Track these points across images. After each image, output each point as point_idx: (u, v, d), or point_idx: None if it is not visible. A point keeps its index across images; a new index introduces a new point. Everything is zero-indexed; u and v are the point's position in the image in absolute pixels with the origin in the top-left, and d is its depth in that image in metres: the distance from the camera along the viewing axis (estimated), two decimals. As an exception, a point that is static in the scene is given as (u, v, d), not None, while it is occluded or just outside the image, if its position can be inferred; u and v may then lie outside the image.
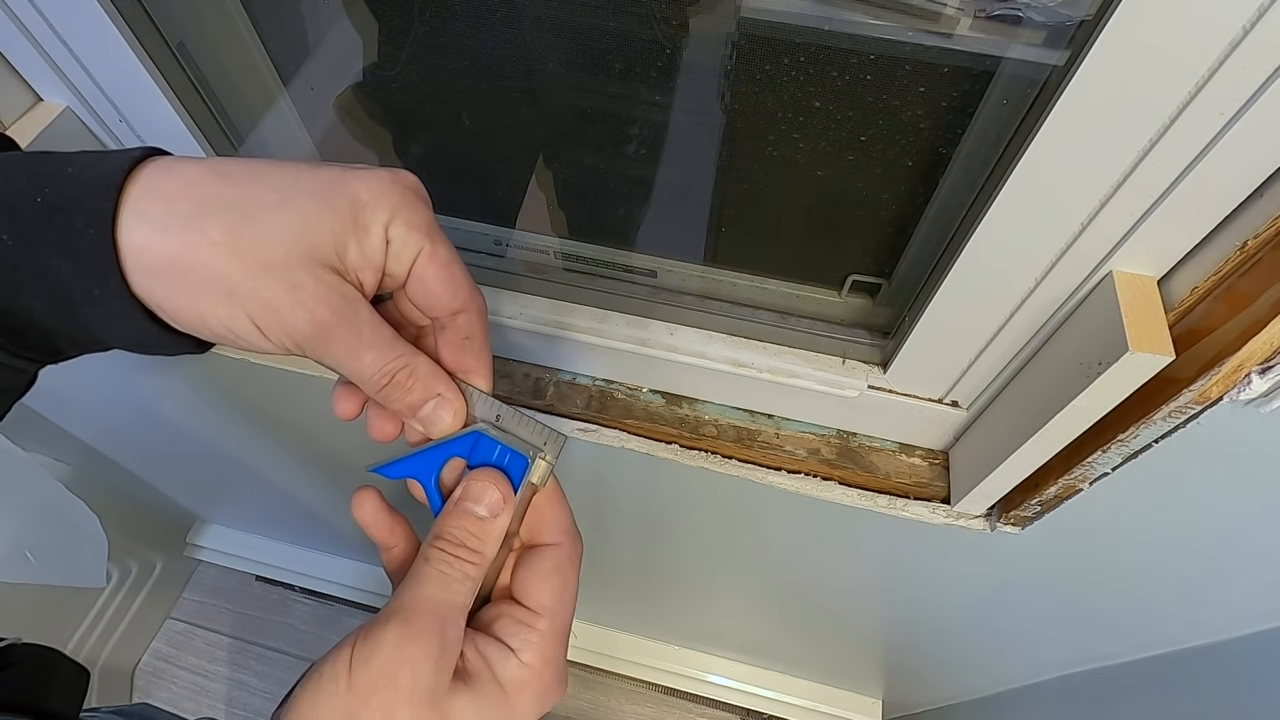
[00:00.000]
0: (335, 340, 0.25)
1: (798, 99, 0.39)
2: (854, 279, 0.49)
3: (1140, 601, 0.58)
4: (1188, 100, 0.29)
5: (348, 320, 0.25)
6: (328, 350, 0.26)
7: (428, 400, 0.29)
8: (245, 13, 0.45)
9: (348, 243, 0.25)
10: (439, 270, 0.28)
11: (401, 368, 0.27)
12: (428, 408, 0.29)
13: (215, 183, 0.24)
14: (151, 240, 0.23)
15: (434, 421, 0.29)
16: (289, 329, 0.25)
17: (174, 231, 0.23)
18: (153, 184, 0.24)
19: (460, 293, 0.29)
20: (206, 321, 0.24)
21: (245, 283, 0.24)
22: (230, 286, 0.24)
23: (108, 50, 0.42)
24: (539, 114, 0.48)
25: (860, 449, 0.55)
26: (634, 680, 1.29)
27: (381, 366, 0.27)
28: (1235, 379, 0.33)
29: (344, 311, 0.25)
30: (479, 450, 0.30)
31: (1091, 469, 0.42)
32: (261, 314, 0.24)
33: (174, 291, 0.24)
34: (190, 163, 0.25)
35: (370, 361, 0.27)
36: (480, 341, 0.30)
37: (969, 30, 0.33)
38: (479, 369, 0.30)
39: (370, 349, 0.26)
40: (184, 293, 0.24)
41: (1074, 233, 0.35)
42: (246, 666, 1.36)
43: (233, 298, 0.24)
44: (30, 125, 0.45)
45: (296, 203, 0.24)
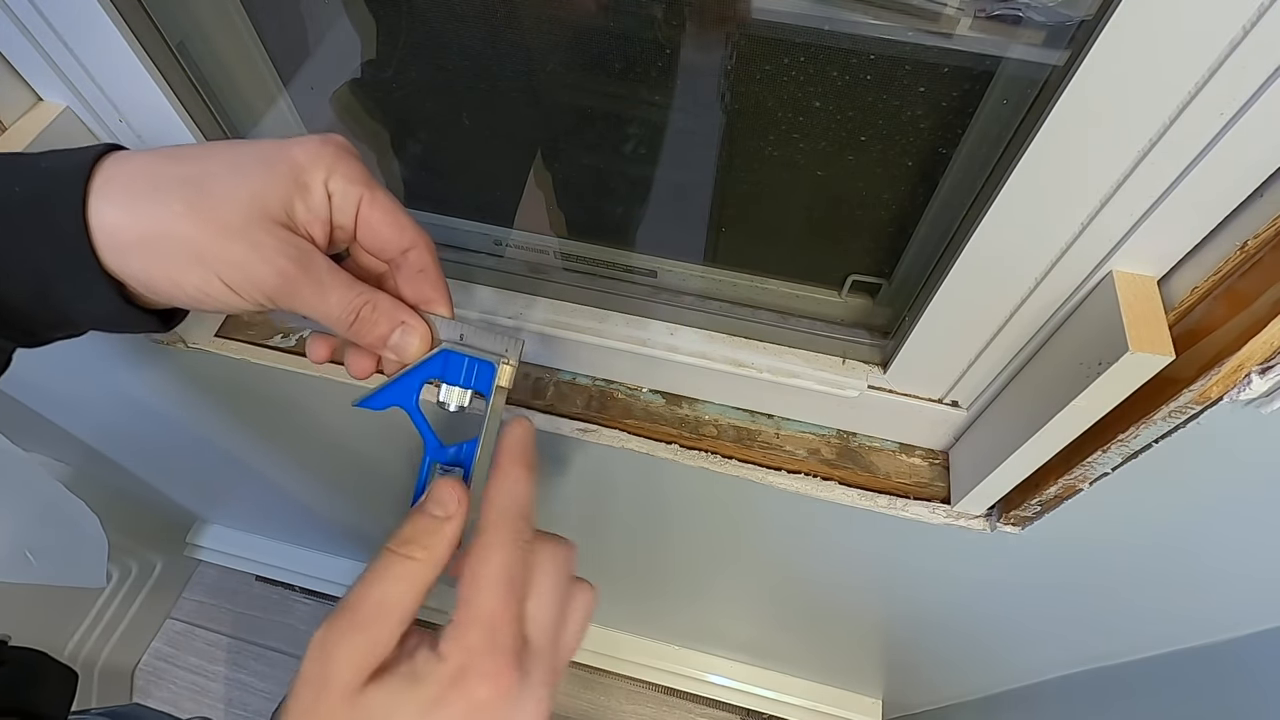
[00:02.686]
0: (300, 287, 0.28)
1: (798, 99, 0.39)
2: (854, 279, 0.49)
3: (1140, 601, 0.58)
4: (1188, 100, 0.29)
5: (307, 267, 0.28)
6: (296, 297, 0.28)
7: (394, 329, 0.31)
8: (245, 13, 0.45)
9: (294, 201, 0.28)
10: (382, 214, 0.30)
11: (364, 304, 0.30)
12: (395, 335, 0.31)
13: (169, 164, 0.27)
14: (121, 219, 0.26)
15: (404, 347, 0.32)
16: (257, 283, 0.27)
17: (140, 209, 0.26)
18: (114, 172, 0.26)
19: (406, 231, 0.31)
20: (182, 287, 0.27)
21: (211, 246, 0.26)
22: (198, 251, 0.26)
23: (108, 50, 0.42)
24: (539, 113, 0.48)
25: (860, 449, 0.55)
26: (634, 680, 1.29)
27: (347, 304, 0.30)
28: (1235, 379, 0.33)
29: (303, 261, 0.28)
30: (449, 367, 0.33)
31: (1091, 469, 0.42)
32: (230, 273, 0.27)
33: (149, 263, 0.26)
34: (145, 152, 0.28)
35: (335, 302, 0.29)
36: (434, 272, 0.33)
37: (969, 30, 0.33)
38: (438, 297, 0.33)
39: (333, 290, 0.29)
40: (158, 263, 0.26)
41: (1074, 233, 0.35)
42: (246, 666, 1.35)
43: (202, 262, 0.26)
44: (30, 125, 0.45)
45: (244, 171, 0.27)
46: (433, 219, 0.56)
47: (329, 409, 0.72)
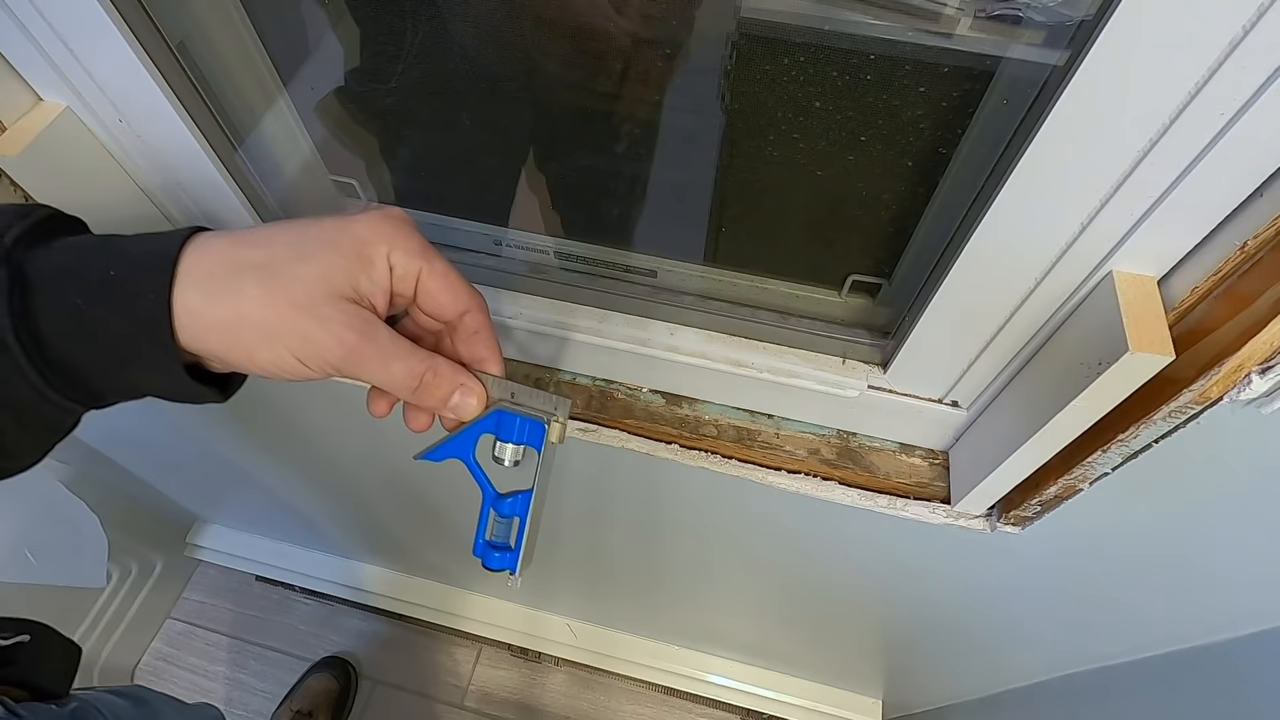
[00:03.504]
0: (365, 358, 0.31)
1: (798, 99, 0.39)
2: (854, 279, 0.49)
3: (1140, 601, 0.58)
4: (1188, 100, 0.29)
5: (371, 339, 0.30)
6: (361, 367, 0.31)
7: (454, 392, 0.34)
8: (245, 13, 0.45)
9: (358, 276, 0.30)
10: (439, 281, 0.32)
11: (426, 369, 0.32)
12: (455, 399, 0.34)
13: (244, 250, 0.30)
14: (202, 303, 0.29)
15: (462, 409, 0.35)
16: (324, 355, 0.30)
17: (219, 295, 0.29)
18: (195, 260, 0.29)
19: (461, 296, 0.33)
20: (256, 360, 0.30)
21: (281, 324, 0.29)
22: (270, 329, 0.29)
23: (108, 50, 0.42)
24: (539, 113, 0.48)
25: (860, 449, 0.55)
26: (634, 680, 1.29)
27: (410, 372, 0.32)
28: (1235, 379, 0.33)
29: (366, 332, 0.30)
30: (503, 424, 0.36)
31: (1091, 469, 0.42)
32: (300, 347, 0.29)
33: (225, 341, 0.29)
34: (221, 236, 0.30)
35: (398, 370, 0.32)
36: (487, 333, 0.35)
37: (969, 30, 0.33)
38: (491, 356, 0.35)
39: (396, 360, 0.32)
40: (234, 341, 0.29)
41: (1074, 233, 0.35)
42: (246, 666, 1.35)
43: (274, 338, 0.29)
44: (30, 125, 0.45)
45: (311, 253, 0.30)
46: (433, 219, 0.56)
47: (329, 409, 0.72)
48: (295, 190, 0.56)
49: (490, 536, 0.38)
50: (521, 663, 1.35)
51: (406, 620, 1.35)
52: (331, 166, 0.55)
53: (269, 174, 0.53)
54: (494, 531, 0.38)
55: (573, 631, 1.25)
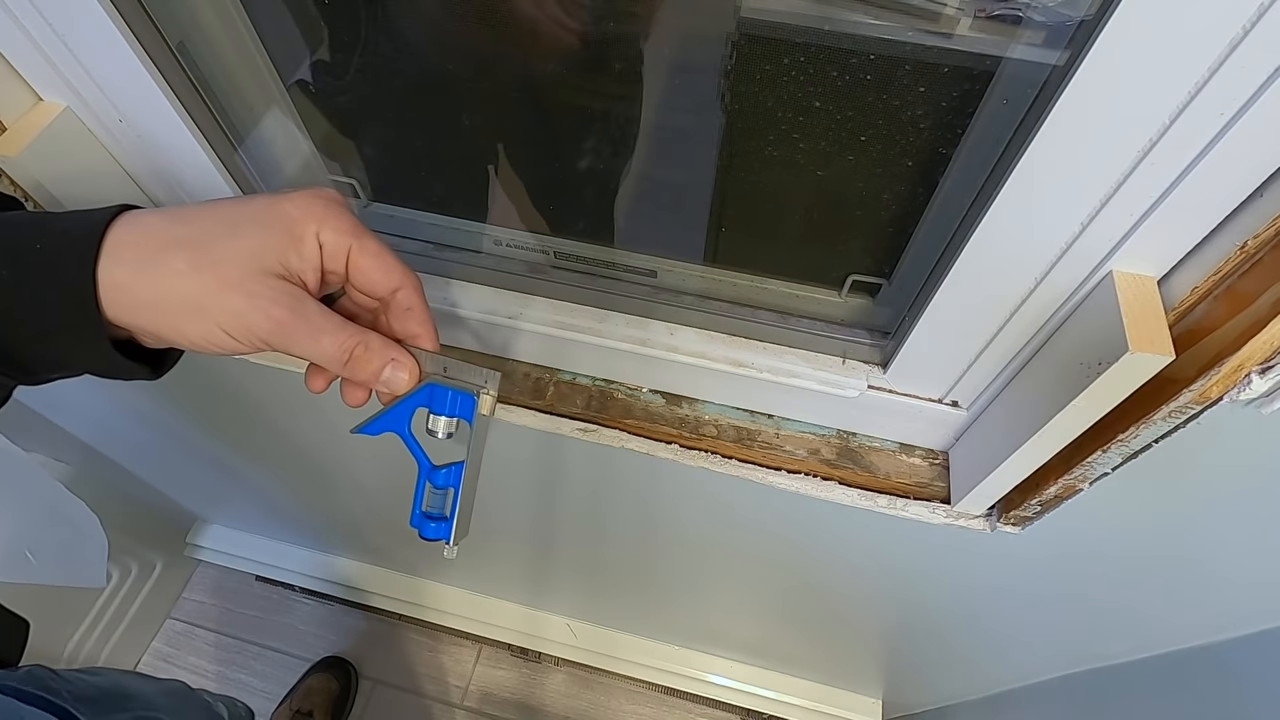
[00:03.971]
0: (294, 332, 0.31)
1: (798, 99, 0.39)
2: (854, 279, 0.49)
3: (1140, 601, 0.58)
4: (1188, 100, 0.29)
5: (300, 314, 0.31)
6: (291, 341, 0.31)
7: (385, 366, 0.34)
8: (245, 13, 0.45)
9: (288, 253, 0.30)
10: (370, 260, 0.33)
11: (357, 344, 0.33)
12: (386, 372, 0.34)
13: (174, 226, 0.30)
14: (129, 278, 0.29)
15: (394, 382, 0.35)
16: (253, 329, 0.30)
17: (147, 269, 0.29)
18: (123, 235, 0.29)
19: (393, 274, 0.34)
20: (186, 335, 0.30)
21: (211, 299, 0.29)
22: (200, 304, 0.29)
23: (108, 50, 0.42)
24: (539, 113, 0.48)
25: (860, 449, 0.55)
26: (634, 680, 1.29)
27: (340, 345, 0.32)
28: (1235, 379, 0.33)
29: (295, 308, 0.30)
30: (435, 398, 0.37)
31: (1091, 469, 0.42)
32: (229, 321, 0.29)
33: (155, 316, 0.29)
34: (152, 213, 0.30)
35: (328, 344, 0.32)
36: (420, 310, 0.35)
37: (969, 30, 0.33)
38: (424, 332, 0.36)
39: (325, 334, 0.32)
40: (164, 316, 0.29)
41: (1074, 233, 0.35)
42: (247, 666, 1.35)
43: (204, 312, 0.29)
44: (30, 125, 0.45)
45: (241, 230, 0.30)
46: (433, 219, 0.56)
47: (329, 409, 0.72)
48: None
49: (427, 508, 0.38)
50: (521, 663, 1.35)
51: (406, 620, 1.35)
52: (331, 166, 0.55)
53: (269, 174, 0.53)
54: (430, 503, 0.38)
55: (573, 631, 1.25)
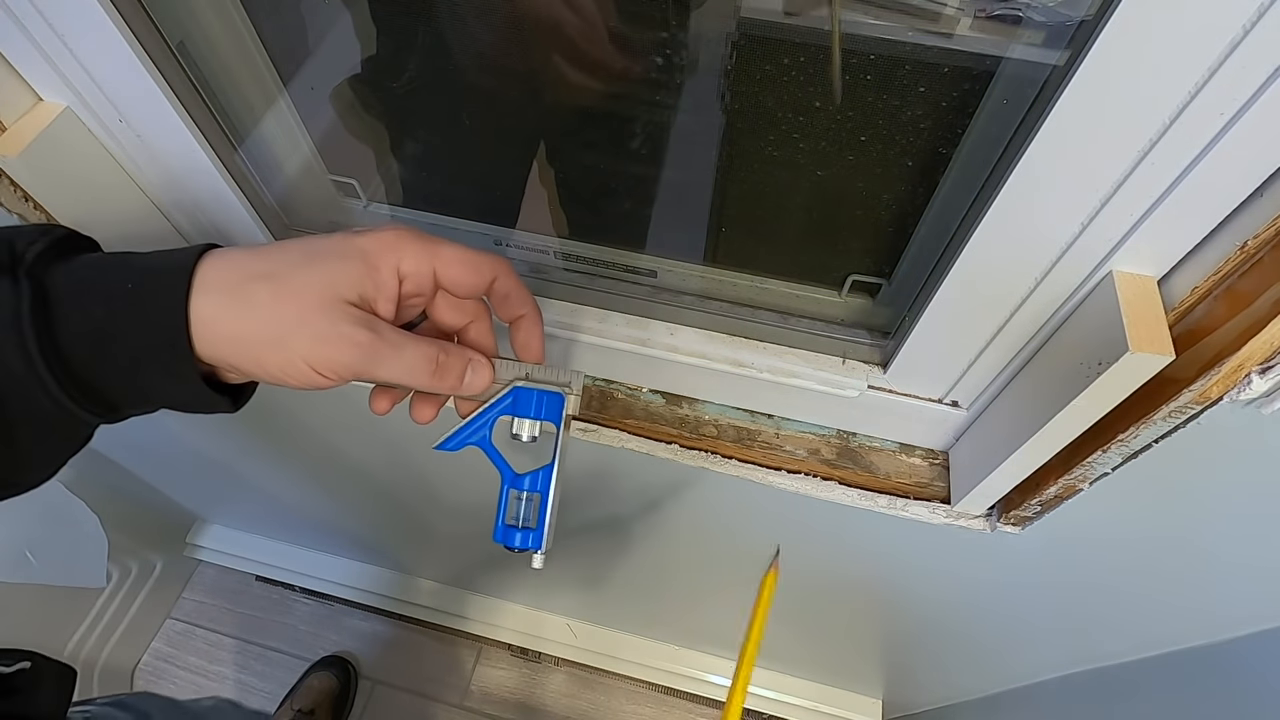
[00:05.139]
0: (378, 353, 0.31)
1: (798, 99, 0.39)
2: (854, 279, 0.49)
3: (1140, 601, 0.58)
4: (1188, 100, 0.29)
5: (381, 335, 0.31)
6: (376, 362, 0.31)
7: (465, 368, 0.34)
8: (245, 13, 0.45)
9: (363, 281, 0.31)
10: (456, 265, 0.33)
11: (439, 351, 0.33)
12: (467, 375, 0.34)
13: (255, 261, 0.30)
14: (216, 313, 0.29)
15: (475, 383, 0.35)
16: (335, 357, 0.30)
17: (232, 303, 0.29)
18: (210, 271, 0.30)
19: (482, 267, 0.34)
20: (267, 367, 0.30)
21: (291, 330, 0.30)
22: (280, 336, 0.30)
23: (108, 50, 0.42)
24: (539, 113, 0.48)
25: (860, 449, 0.55)
26: (634, 680, 1.29)
27: (424, 355, 0.33)
28: (1235, 379, 0.33)
29: (375, 330, 0.31)
30: (520, 402, 0.37)
31: (1091, 469, 0.42)
32: (311, 351, 0.30)
33: (239, 350, 0.30)
34: (235, 250, 0.31)
35: (413, 356, 0.32)
36: (518, 291, 0.36)
37: (969, 30, 0.33)
38: (528, 310, 0.36)
39: (407, 348, 0.32)
40: (247, 349, 0.30)
41: (1074, 233, 0.35)
42: (246, 666, 1.35)
43: (284, 344, 0.30)
44: (30, 125, 0.45)
45: (318, 261, 0.31)
46: (434, 219, 0.56)
47: (327, 407, 0.72)
48: (295, 190, 0.56)
49: (510, 519, 0.37)
50: (521, 663, 1.35)
51: (406, 620, 1.35)
52: (331, 166, 0.55)
53: (269, 174, 0.53)
54: (514, 513, 0.37)
55: (573, 631, 1.25)
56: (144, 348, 0.29)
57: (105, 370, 0.29)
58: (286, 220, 0.56)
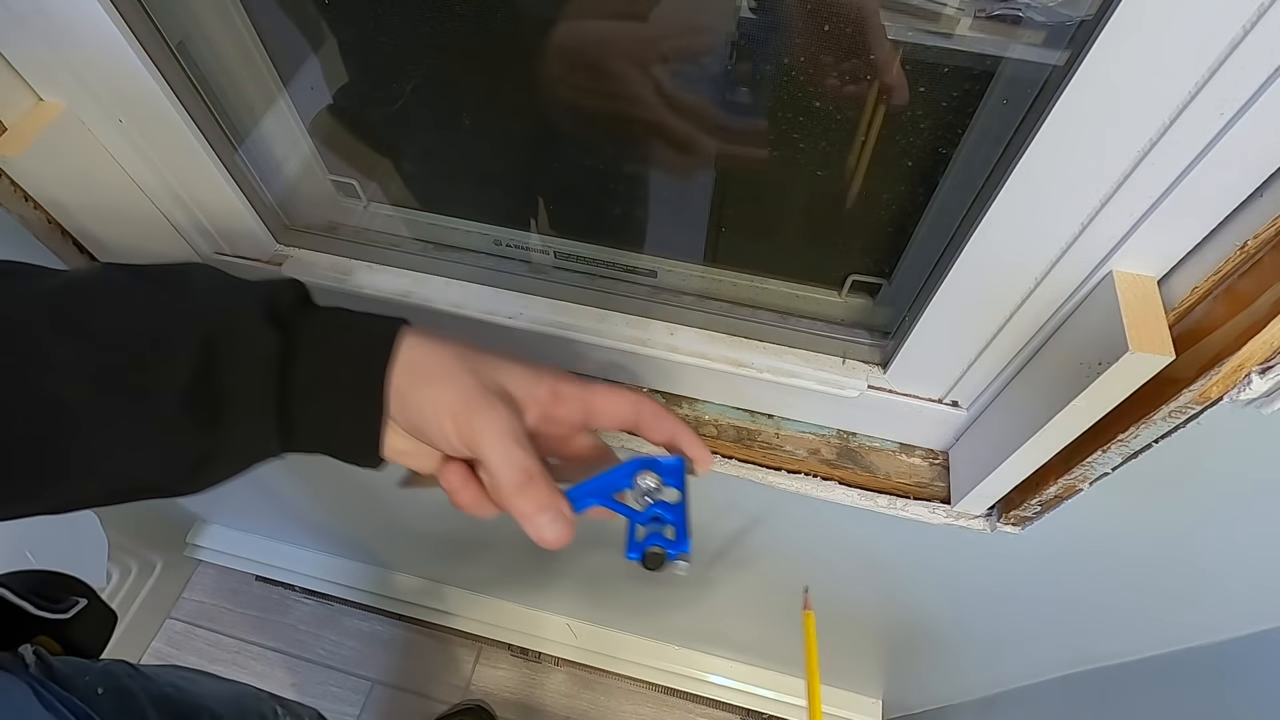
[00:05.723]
0: (510, 432, 0.32)
1: (798, 99, 0.39)
2: (854, 279, 0.49)
3: (1140, 601, 0.58)
4: (1188, 100, 0.29)
5: (520, 421, 0.33)
6: (499, 439, 0.32)
7: (551, 507, 0.33)
8: (245, 13, 0.45)
9: (525, 382, 0.34)
10: (606, 396, 0.36)
11: (541, 469, 0.33)
12: (545, 517, 0.33)
13: (459, 346, 0.33)
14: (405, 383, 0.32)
15: (548, 531, 0.34)
16: (473, 418, 0.31)
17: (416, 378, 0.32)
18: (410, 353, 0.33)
19: (628, 397, 0.36)
20: (411, 407, 0.32)
21: (451, 380, 0.32)
22: (443, 379, 0.32)
23: (108, 50, 0.42)
24: (539, 114, 0.48)
25: (860, 449, 0.55)
26: (634, 680, 1.29)
27: (529, 459, 0.32)
28: (1235, 379, 0.33)
29: (516, 415, 0.33)
30: (648, 463, 0.37)
31: (1091, 469, 0.42)
32: (456, 401, 0.32)
33: (408, 412, 0.32)
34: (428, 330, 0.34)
35: (519, 456, 0.32)
36: (666, 413, 0.37)
37: (969, 30, 0.33)
38: (678, 429, 0.37)
39: (522, 446, 0.32)
40: (415, 413, 0.32)
41: (1074, 233, 0.35)
42: (246, 666, 1.35)
43: (443, 387, 0.32)
44: (30, 125, 0.45)
45: (498, 355, 0.34)
46: (434, 219, 0.56)
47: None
48: (295, 190, 0.56)
49: (641, 539, 0.37)
50: (521, 663, 1.35)
51: (406, 620, 1.35)
52: (331, 166, 0.55)
53: (269, 174, 0.53)
54: (641, 535, 0.37)
55: (573, 631, 1.25)
56: (348, 403, 0.32)
57: (311, 419, 0.32)
58: (286, 220, 0.56)
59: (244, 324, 0.31)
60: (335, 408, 0.32)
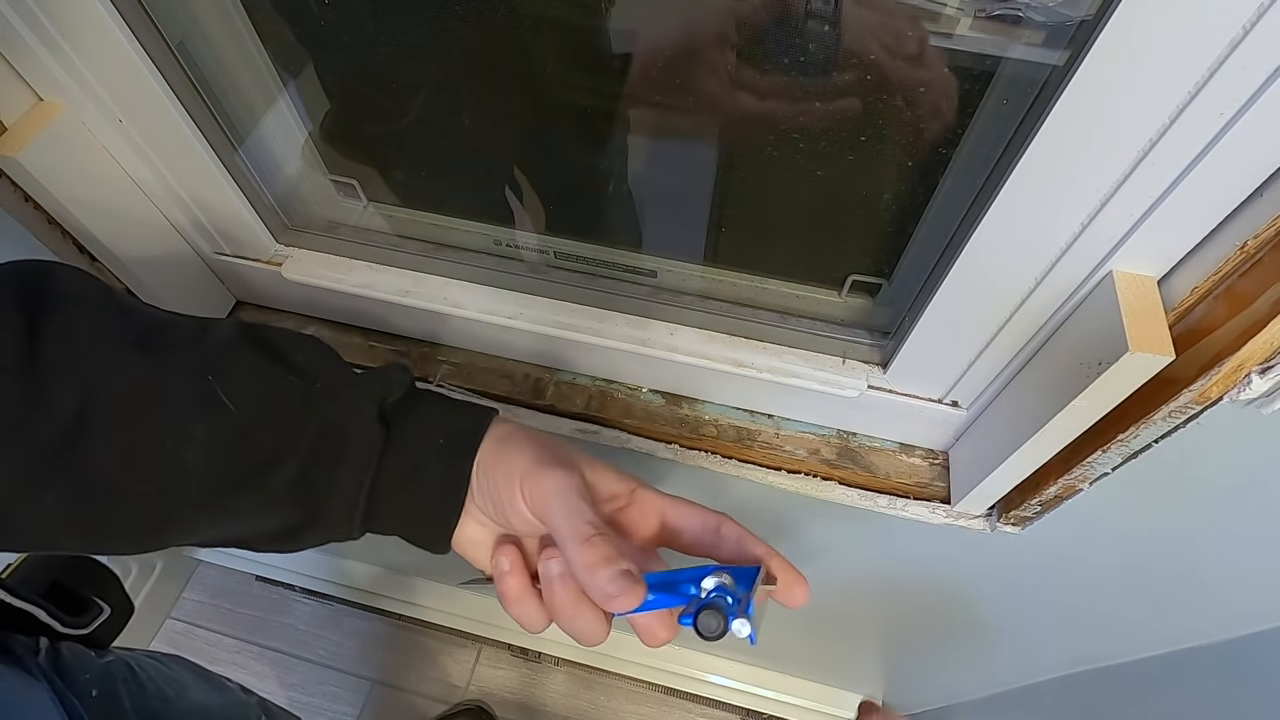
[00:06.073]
0: (573, 494, 0.31)
1: (798, 99, 0.39)
2: (854, 279, 0.49)
3: (1140, 601, 0.58)
4: (1188, 100, 0.29)
5: (583, 485, 0.32)
6: (565, 502, 0.31)
7: (618, 565, 0.30)
8: (245, 13, 0.45)
9: (599, 471, 0.34)
10: (684, 508, 0.36)
11: (605, 533, 0.31)
12: (611, 570, 0.30)
13: (540, 436, 0.34)
14: (490, 462, 0.33)
15: (615, 595, 0.30)
16: (544, 484, 0.31)
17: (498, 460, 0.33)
18: (493, 440, 0.34)
19: (708, 511, 0.36)
20: (492, 481, 0.33)
21: (532, 461, 0.32)
22: (520, 459, 0.32)
23: (108, 50, 0.42)
24: (539, 113, 0.48)
25: (860, 449, 0.55)
26: (634, 680, 1.29)
27: (588, 523, 0.31)
28: (1235, 379, 0.33)
29: (581, 480, 0.32)
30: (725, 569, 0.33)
31: (1091, 469, 0.42)
32: (529, 473, 0.32)
33: (484, 482, 0.33)
34: (523, 432, 0.34)
35: (585, 519, 0.31)
36: (748, 535, 0.36)
37: (969, 30, 0.33)
38: (765, 547, 0.36)
39: (584, 508, 0.31)
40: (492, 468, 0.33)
41: (1074, 233, 0.35)
42: (246, 666, 1.35)
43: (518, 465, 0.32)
44: (30, 125, 0.45)
45: (595, 460, 0.35)
46: (434, 219, 0.56)
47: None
48: (295, 190, 0.56)
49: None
50: (521, 663, 1.35)
51: (406, 620, 1.35)
52: (331, 166, 0.55)
53: (269, 174, 0.53)
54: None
55: (573, 631, 1.25)
56: (432, 499, 0.33)
57: (394, 511, 0.33)
58: (286, 220, 0.56)
59: (360, 421, 0.32)
60: (416, 505, 0.34)
